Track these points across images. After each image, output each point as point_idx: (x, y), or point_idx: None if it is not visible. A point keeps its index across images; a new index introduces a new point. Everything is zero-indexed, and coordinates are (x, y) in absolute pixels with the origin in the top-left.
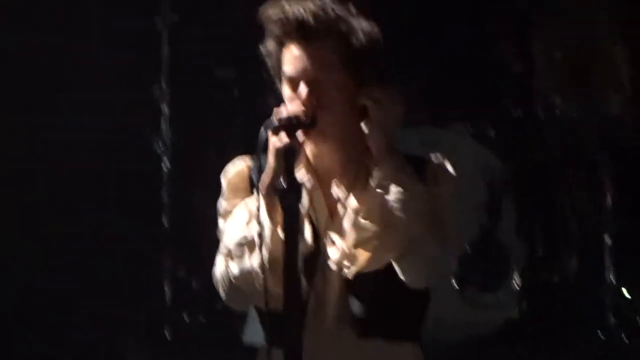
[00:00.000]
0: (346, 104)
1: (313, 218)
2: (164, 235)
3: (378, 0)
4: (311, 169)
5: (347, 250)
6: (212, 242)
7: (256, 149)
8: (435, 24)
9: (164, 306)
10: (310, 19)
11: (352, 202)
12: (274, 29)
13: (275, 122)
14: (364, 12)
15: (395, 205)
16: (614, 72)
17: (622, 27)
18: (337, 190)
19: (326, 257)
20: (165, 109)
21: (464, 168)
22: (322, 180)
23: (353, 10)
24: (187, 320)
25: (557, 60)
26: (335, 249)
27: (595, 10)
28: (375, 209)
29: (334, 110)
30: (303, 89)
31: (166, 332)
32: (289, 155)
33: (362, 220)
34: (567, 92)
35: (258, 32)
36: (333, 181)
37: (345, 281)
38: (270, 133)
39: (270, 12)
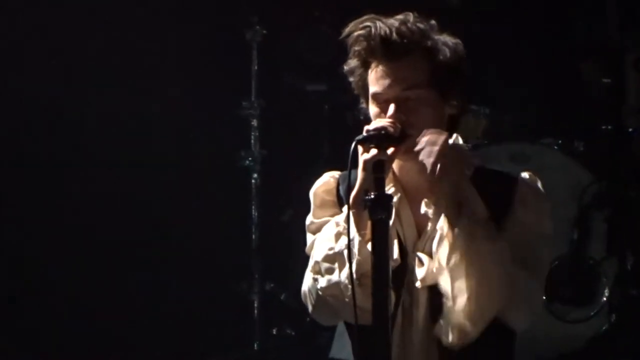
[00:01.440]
0: (434, 120)
1: (401, 234)
2: (254, 250)
3: (466, 14)
4: (400, 185)
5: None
6: (301, 257)
7: (347, 164)
8: (525, 40)
9: (252, 320)
10: (395, 37)
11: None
12: (358, 48)
13: (365, 135)
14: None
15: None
16: None
17: None
18: (426, 209)
19: (414, 276)
20: (255, 123)
21: (554, 184)
22: (410, 197)
23: (436, 26)
24: (276, 334)
25: None
26: (424, 270)
27: None
28: (464, 264)
29: (422, 127)
30: (391, 107)
31: (255, 346)
32: (378, 170)
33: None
34: None
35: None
36: (423, 201)
37: (431, 301)
38: (360, 147)
39: (355, 31)
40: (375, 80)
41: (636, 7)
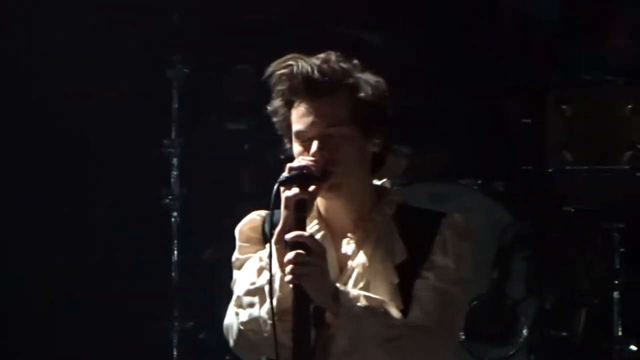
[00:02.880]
0: (356, 157)
1: None
2: (173, 288)
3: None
4: (324, 223)
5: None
6: (223, 295)
7: (270, 203)
8: (447, 78)
9: (171, 358)
10: (317, 75)
11: (358, 271)
12: (281, 87)
13: (287, 175)
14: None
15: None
16: (624, 131)
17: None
18: (347, 248)
19: None
20: (175, 162)
21: (474, 224)
22: (334, 235)
23: (358, 65)
24: None
25: (568, 116)
26: None
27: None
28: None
29: (345, 164)
30: (314, 144)
31: None
32: (300, 208)
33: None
34: (578, 147)
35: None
36: (344, 239)
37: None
38: (282, 187)
39: (277, 70)
40: (298, 118)
41: (558, 47)
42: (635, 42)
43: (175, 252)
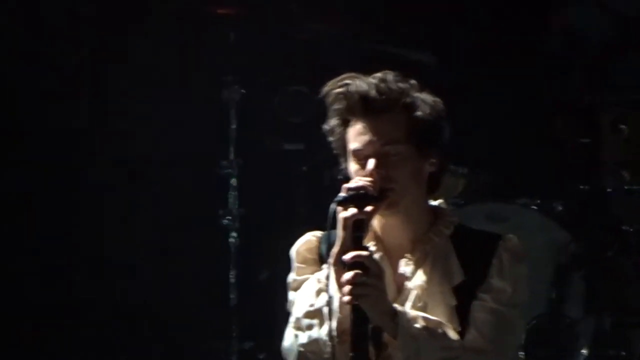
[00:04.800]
0: (413, 176)
1: None
2: (231, 309)
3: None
4: (382, 244)
5: None
6: (280, 316)
7: (326, 223)
8: (503, 99)
9: None
10: (374, 93)
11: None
12: (338, 106)
13: (344, 196)
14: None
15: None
16: None
17: None
18: (405, 269)
19: None
20: (234, 182)
21: (532, 244)
22: (391, 256)
23: (416, 85)
24: None
25: (625, 135)
26: None
27: None
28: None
29: (402, 182)
30: (370, 162)
31: None
32: (357, 229)
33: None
34: (636, 167)
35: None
36: (402, 260)
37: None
38: (339, 207)
39: (334, 89)
40: (355, 137)
41: (614, 66)
42: None
43: (234, 272)
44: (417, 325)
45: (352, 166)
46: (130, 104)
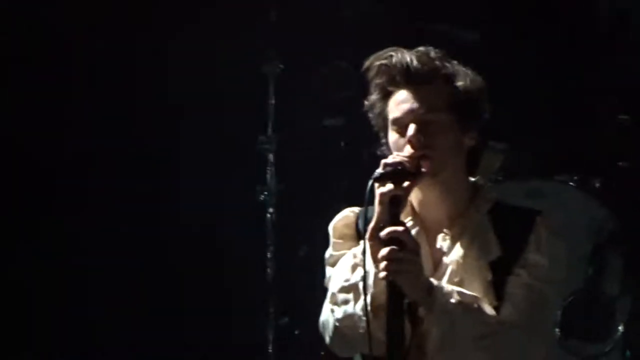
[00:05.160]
0: (453, 147)
1: None
2: (269, 284)
3: (483, 51)
4: (419, 218)
5: None
6: (317, 293)
7: (364, 200)
8: (543, 76)
9: (267, 354)
10: (416, 63)
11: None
12: (379, 79)
13: (381, 172)
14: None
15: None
16: None
17: None
18: (442, 244)
19: None
20: (271, 158)
21: (570, 220)
22: (428, 231)
23: (456, 61)
24: None
25: None
26: None
27: None
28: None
29: (441, 151)
30: (411, 128)
31: None
32: (394, 205)
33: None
34: None
35: (365, 83)
36: (439, 235)
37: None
38: (376, 183)
39: (376, 62)
40: (396, 106)
41: None
42: None
43: (271, 248)
44: (453, 300)
45: (392, 136)
46: (171, 78)
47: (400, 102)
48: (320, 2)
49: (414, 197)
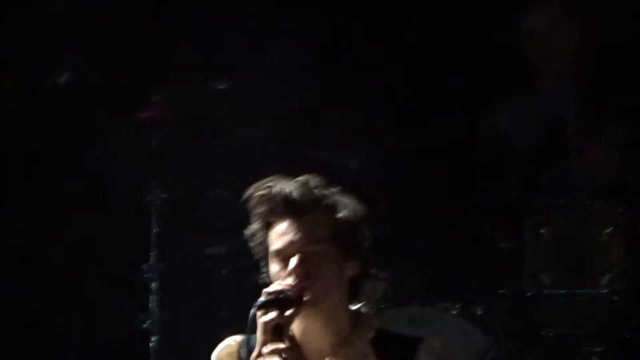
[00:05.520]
0: (334, 277)
1: None
2: None
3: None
4: (299, 348)
5: None
6: None
7: (247, 327)
8: (424, 201)
9: None
10: (296, 194)
11: None
12: (260, 209)
13: (264, 300)
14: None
15: None
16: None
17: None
18: None
19: None
20: (154, 287)
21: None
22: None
23: (338, 188)
24: None
25: (545, 239)
26: None
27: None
28: None
29: (323, 281)
30: (293, 260)
31: None
32: (276, 333)
33: None
34: (556, 271)
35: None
36: None
37: None
38: (258, 311)
39: (257, 193)
40: (277, 237)
41: (536, 171)
42: (611, 166)
43: None
44: None
45: (274, 267)
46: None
47: (282, 234)
48: (202, 130)
49: (296, 326)
